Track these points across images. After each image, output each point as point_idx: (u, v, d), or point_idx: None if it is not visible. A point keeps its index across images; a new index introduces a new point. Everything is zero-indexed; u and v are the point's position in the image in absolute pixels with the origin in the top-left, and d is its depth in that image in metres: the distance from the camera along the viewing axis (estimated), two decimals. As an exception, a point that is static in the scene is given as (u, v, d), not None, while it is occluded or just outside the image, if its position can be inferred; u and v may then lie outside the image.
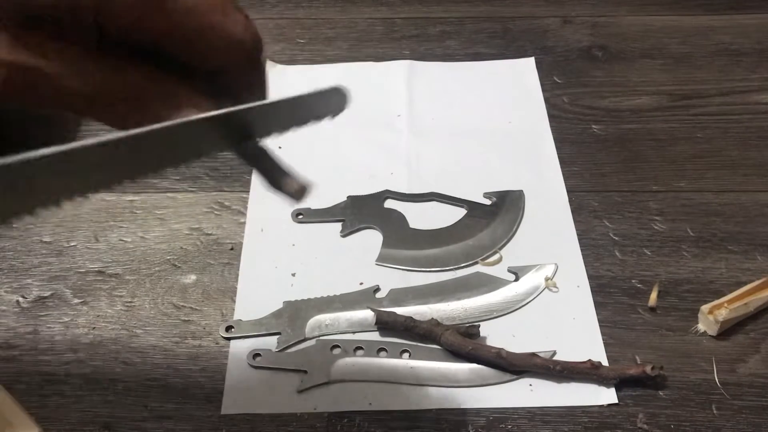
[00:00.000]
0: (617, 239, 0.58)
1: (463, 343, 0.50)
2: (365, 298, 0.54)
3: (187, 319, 0.53)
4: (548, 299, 0.54)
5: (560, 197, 0.61)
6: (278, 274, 0.56)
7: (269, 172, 0.33)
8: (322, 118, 0.35)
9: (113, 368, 0.50)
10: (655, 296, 0.53)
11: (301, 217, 0.59)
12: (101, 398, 0.49)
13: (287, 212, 0.59)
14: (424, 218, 0.59)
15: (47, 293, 0.55)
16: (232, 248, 0.58)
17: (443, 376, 0.50)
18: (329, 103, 0.35)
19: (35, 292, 0.55)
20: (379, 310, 0.52)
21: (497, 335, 0.51)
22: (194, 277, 0.56)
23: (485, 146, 0.65)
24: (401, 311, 0.52)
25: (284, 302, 0.53)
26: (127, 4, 0.28)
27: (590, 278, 0.55)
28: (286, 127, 0.34)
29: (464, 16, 0.78)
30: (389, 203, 0.61)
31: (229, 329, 0.52)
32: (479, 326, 0.51)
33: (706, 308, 0.51)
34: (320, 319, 0.53)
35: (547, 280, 0.55)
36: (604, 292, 0.54)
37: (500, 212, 0.59)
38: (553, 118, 0.67)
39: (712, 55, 0.73)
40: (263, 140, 0.34)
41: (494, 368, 0.50)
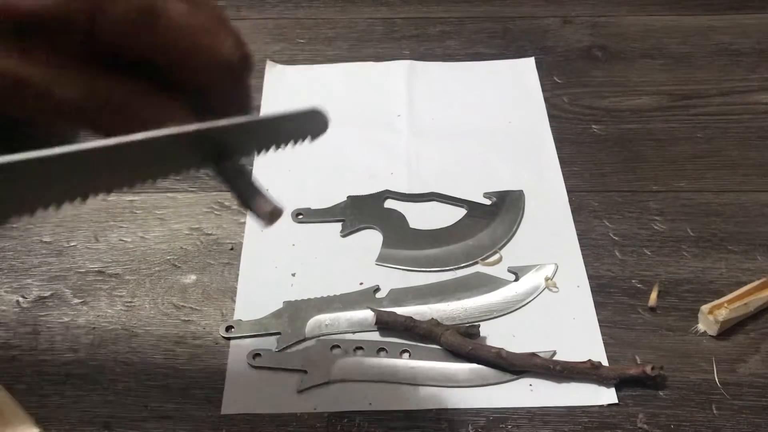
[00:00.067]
0: (617, 239, 0.58)
1: (463, 343, 0.50)
2: (365, 298, 0.54)
3: (187, 319, 0.53)
4: (548, 299, 0.54)
5: (560, 197, 0.61)
6: (278, 274, 0.56)
7: (243, 192, 0.33)
8: (301, 140, 0.35)
9: (113, 368, 0.50)
10: (655, 296, 0.53)
11: (301, 217, 0.59)
12: (101, 398, 0.49)
13: (287, 212, 0.59)
14: (424, 218, 0.59)
15: (47, 293, 0.55)
16: (232, 248, 0.58)
17: (443, 376, 0.50)
18: (309, 124, 0.34)
19: (35, 292, 0.55)
20: (379, 310, 0.52)
21: (497, 335, 0.51)
22: (194, 277, 0.56)
23: (485, 146, 0.65)
24: (401, 311, 0.52)
25: (284, 302, 0.53)
26: (122, 15, 0.28)
27: (590, 278, 0.55)
28: (264, 146, 0.34)
29: (464, 16, 0.78)
30: (389, 203, 0.61)
31: (229, 329, 0.52)
32: (479, 326, 0.51)
33: (706, 308, 0.51)
34: (320, 319, 0.53)
35: (547, 280, 0.55)
36: (604, 292, 0.54)
37: (500, 212, 0.59)
38: (553, 118, 0.67)
39: (712, 55, 0.73)
40: (240, 159, 0.33)
41: (494, 368, 0.50)
